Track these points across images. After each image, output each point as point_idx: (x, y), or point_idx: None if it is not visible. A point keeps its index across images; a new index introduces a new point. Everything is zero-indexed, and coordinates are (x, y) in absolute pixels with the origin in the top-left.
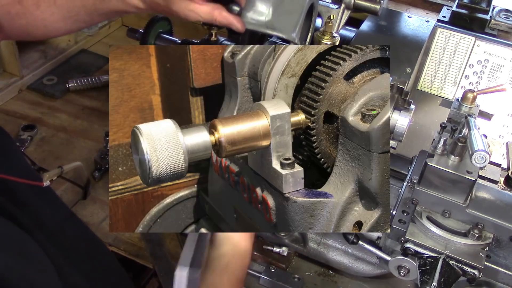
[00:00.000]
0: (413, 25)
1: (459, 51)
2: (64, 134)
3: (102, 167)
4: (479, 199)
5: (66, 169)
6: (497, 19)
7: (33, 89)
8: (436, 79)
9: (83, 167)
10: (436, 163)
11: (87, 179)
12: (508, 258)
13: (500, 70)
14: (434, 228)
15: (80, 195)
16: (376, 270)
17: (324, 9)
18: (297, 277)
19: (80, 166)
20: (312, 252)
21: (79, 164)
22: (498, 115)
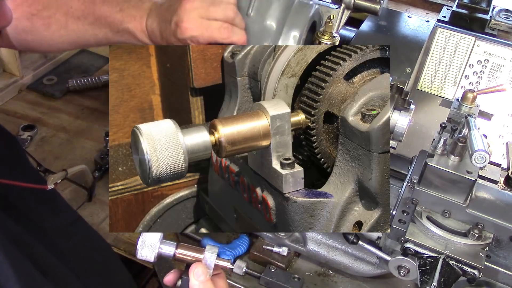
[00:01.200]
0: (413, 25)
1: (459, 51)
2: (64, 134)
3: (102, 167)
4: (479, 199)
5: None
6: (497, 19)
7: (33, 89)
8: (436, 79)
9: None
10: (436, 163)
11: (92, 182)
12: (508, 258)
13: (500, 70)
14: (434, 228)
15: (85, 197)
16: (376, 270)
17: (324, 9)
18: (297, 277)
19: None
20: (312, 252)
21: (84, 167)
22: (498, 115)
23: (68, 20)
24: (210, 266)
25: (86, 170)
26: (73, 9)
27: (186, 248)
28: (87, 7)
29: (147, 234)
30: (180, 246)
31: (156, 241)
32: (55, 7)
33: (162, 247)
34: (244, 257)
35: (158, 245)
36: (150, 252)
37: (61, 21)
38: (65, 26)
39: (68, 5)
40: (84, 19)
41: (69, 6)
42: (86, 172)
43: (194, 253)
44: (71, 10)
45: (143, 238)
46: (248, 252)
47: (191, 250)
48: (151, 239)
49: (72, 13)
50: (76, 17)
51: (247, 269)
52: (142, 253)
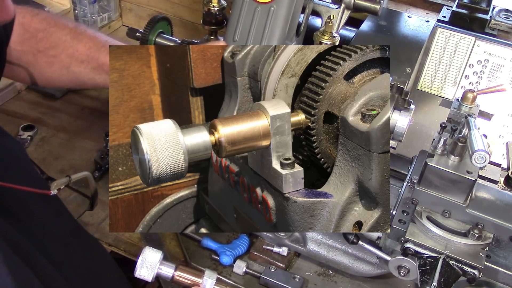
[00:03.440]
0: (413, 25)
1: (459, 51)
2: (64, 134)
3: (102, 167)
4: (479, 199)
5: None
6: (497, 19)
7: (33, 89)
8: (436, 79)
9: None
10: (436, 163)
11: (95, 189)
12: (508, 258)
13: (500, 70)
14: (434, 228)
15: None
16: (376, 270)
17: (324, 9)
18: (297, 277)
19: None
20: (312, 252)
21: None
22: (498, 115)
23: (72, 62)
24: None
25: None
26: (78, 53)
27: (185, 271)
28: (92, 52)
29: (148, 251)
30: (179, 268)
31: (156, 261)
32: (61, 48)
33: (161, 268)
34: (244, 257)
35: (158, 265)
36: (149, 272)
37: (65, 62)
38: (68, 67)
39: (74, 48)
40: (87, 64)
41: (75, 49)
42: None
43: (192, 277)
44: (76, 54)
45: (143, 256)
46: (248, 252)
47: (190, 273)
48: (151, 258)
49: (77, 56)
50: (80, 61)
51: (247, 269)
52: (141, 273)
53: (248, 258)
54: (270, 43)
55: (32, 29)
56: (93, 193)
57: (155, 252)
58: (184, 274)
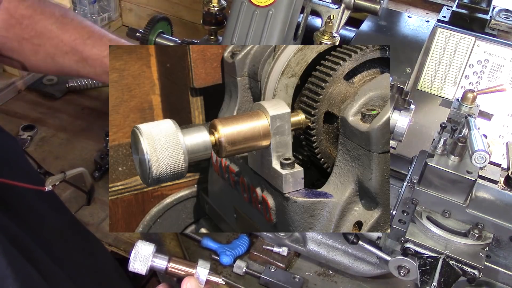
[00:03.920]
0: (413, 25)
1: (459, 51)
2: (64, 134)
3: (102, 167)
4: (479, 199)
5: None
6: (497, 19)
7: (33, 89)
8: (436, 79)
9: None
10: (436, 163)
11: (91, 185)
12: (508, 258)
13: (500, 70)
14: (434, 228)
15: (84, 200)
16: (376, 270)
17: (324, 9)
18: (297, 277)
19: (84, 172)
20: (312, 252)
21: (83, 170)
22: (498, 115)
23: (56, 52)
24: (202, 281)
25: (85, 173)
26: (63, 43)
27: (178, 262)
28: (77, 44)
29: (141, 244)
30: (172, 260)
31: (149, 254)
32: (47, 37)
33: (154, 260)
34: (244, 257)
35: (151, 258)
36: (143, 265)
37: (50, 51)
38: (52, 57)
39: (59, 39)
40: (71, 55)
41: (60, 39)
42: (85, 175)
43: (186, 268)
44: (61, 44)
45: (136, 249)
46: (248, 252)
47: (183, 264)
48: (144, 251)
49: (61, 47)
50: (65, 52)
51: (247, 269)
52: (135, 266)
53: (248, 258)
54: None
55: (18, 15)
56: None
57: (148, 245)
58: (177, 266)
